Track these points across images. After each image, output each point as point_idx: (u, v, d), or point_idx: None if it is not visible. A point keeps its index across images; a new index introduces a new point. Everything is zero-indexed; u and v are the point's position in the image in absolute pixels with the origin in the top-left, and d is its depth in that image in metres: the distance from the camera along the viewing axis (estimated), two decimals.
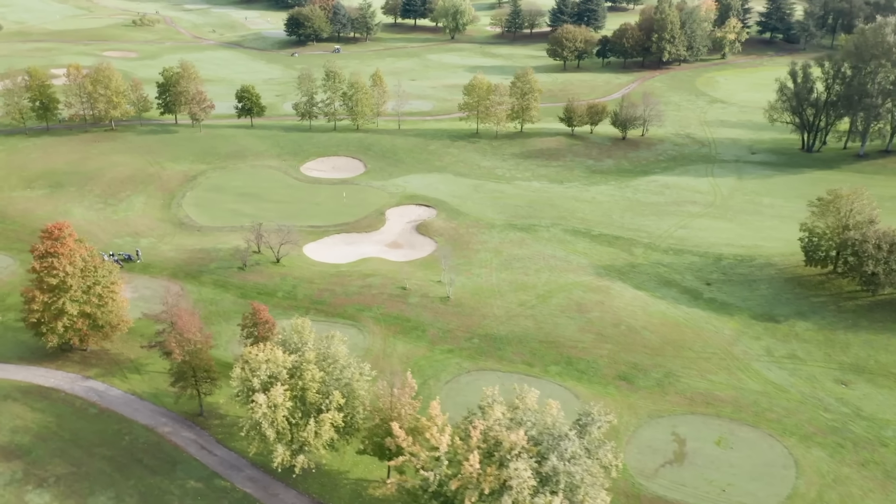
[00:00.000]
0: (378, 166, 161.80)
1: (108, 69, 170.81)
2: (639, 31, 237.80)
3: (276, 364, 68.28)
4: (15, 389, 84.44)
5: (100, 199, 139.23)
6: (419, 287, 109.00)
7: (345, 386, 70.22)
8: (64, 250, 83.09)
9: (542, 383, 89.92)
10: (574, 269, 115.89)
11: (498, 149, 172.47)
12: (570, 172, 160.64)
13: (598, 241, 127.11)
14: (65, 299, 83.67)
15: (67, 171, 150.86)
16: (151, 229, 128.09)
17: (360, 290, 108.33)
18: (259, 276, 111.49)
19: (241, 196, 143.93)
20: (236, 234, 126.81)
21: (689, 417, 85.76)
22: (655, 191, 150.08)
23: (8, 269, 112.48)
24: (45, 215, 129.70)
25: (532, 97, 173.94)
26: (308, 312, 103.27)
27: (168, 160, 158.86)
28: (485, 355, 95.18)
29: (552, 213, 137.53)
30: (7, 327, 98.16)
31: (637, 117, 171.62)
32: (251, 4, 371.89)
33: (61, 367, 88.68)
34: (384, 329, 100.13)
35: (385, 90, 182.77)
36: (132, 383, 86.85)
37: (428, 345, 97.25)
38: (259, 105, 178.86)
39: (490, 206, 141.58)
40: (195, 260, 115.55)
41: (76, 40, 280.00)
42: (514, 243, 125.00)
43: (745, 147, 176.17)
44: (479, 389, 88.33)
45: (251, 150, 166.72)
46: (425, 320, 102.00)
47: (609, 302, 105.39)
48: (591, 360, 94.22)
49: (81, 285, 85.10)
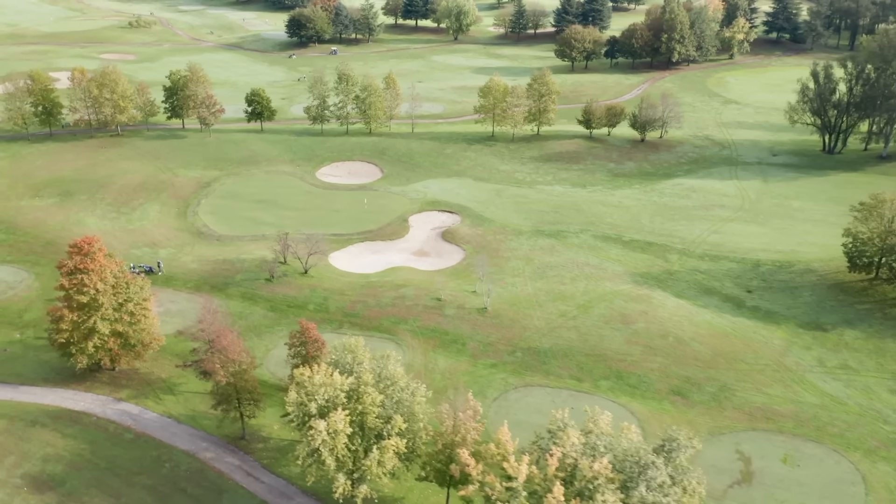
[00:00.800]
0: (395, 171, 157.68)
1: (113, 72, 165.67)
2: (648, 32, 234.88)
3: (333, 387, 64.09)
4: (43, 414, 79.75)
5: (112, 208, 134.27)
6: (454, 298, 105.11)
7: (405, 409, 66.17)
8: (94, 266, 78.50)
9: (594, 399, 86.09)
10: (610, 277, 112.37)
11: (516, 152, 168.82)
12: (591, 176, 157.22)
13: (630, 247, 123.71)
14: (96, 318, 79.11)
15: (76, 178, 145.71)
16: (169, 239, 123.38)
17: (394, 301, 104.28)
18: (288, 289, 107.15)
19: (258, 203, 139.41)
20: (258, 243, 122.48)
21: (751, 434, 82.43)
22: (682, 194, 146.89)
23: (23, 284, 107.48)
24: (57, 225, 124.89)
25: (549, 99, 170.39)
26: (342, 326, 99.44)
27: (179, 166, 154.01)
28: (530, 370, 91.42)
29: (580, 219, 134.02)
30: (27, 346, 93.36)
31: (656, 119, 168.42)
32: (247, 6, 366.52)
33: (90, 388, 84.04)
34: (422, 343, 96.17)
35: (398, 93, 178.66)
36: (167, 405, 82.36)
37: (470, 359, 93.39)
38: (270, 109, 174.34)
39: (514, 211, 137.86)
40: (219, 272, 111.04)
41: (71, 42, 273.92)
42: (545, 250, 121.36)
43: (765, 149, 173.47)
44: (528, 406, 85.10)
45: (264, 155, 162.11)
46: (464, 333, 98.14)
47: (653, 312, 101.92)
48: (641, 375, 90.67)
49: (112, 302, 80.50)
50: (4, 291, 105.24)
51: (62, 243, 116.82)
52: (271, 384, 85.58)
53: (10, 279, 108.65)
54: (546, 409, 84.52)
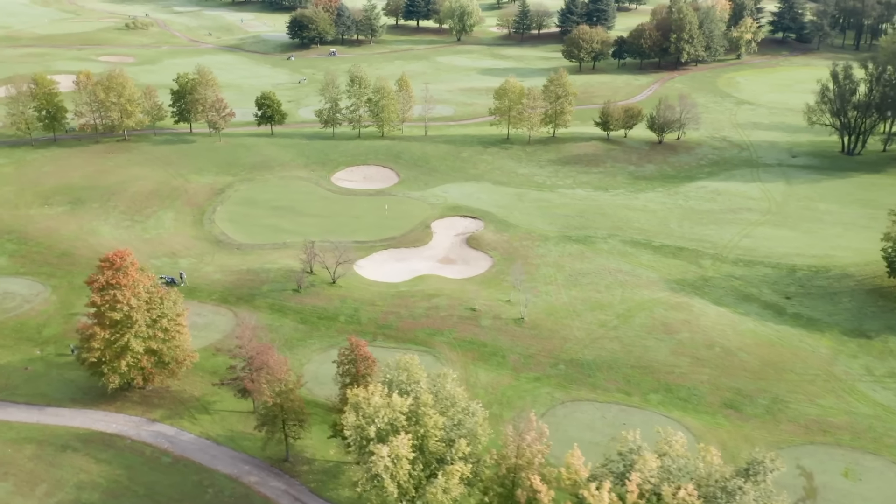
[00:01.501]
0: (411, 175, 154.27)
1: (120, 76, 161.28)
2: (656, 32, 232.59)
3: (392, 409, 60.65)
4: (74, 438, 75.80)
5: (126, 216, 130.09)
6: (488, 308, 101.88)
7: (466, 432, 62.82)
8: (127, 281, 74.68)
9: (646, 414, 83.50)
10: (646, 285, 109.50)
11: (533, 155, 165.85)
12: (612, 179, 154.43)
13: (661, 252, 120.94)
14: (129, 335, 75.25)
15: (85, 185, 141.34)
16: (188, 248, 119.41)
17: (427, 312, 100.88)
18: (317, 299, 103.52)
19: (275, 210, 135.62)
20: (280, 252, 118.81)
21: (809, 448, 79.71)
22: (707, 197, 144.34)
23: (40, 297, 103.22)
24: (70, 235, 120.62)
25: (566, 101, 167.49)
26: (376, 338, 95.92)
27: (191, 172, 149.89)
28: (575, 383, 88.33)
29: (606, 224, 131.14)
30: (49, 364, 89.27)
31: (675, 120, 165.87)
32: (243, 7, 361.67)
33: (121, 409, 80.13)
34: (461, 356, 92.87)
35: (411, 95, 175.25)
36: (203, 425, 78.62)
37: (511, 372, 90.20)
38: (280, 112, 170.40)
39: (538, 216, 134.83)
40: (244, 282, 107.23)
41: (68, 45, 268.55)
42: (575, 257, 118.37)
43: (783, 150, 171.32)
44: (578, 423, 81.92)
45: (276, 160, 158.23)
46: (503, 345, 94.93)
47: (695, 321, 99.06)
48: (691, 387, 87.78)
49: (146, 319, 76.69)
50: (20, 305, 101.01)
51: (78, 254, 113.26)
52: (307, 401, 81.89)
53: (25, 292, 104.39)
54: (597, 426, 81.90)
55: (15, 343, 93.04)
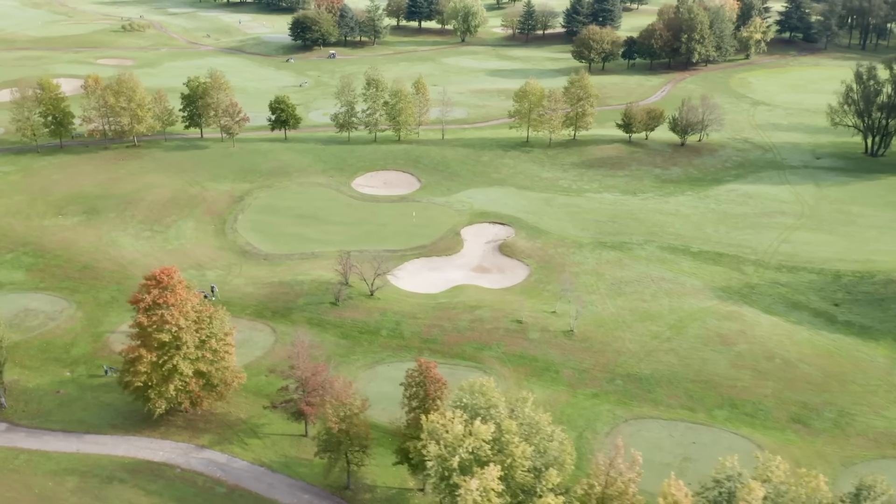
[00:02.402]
0: (433, 181, 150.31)
1: (130, 80, 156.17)
2: (667, 32, 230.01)
3: (476, 438, 56.81)
4: (119, 468, 71.30)
5: (145, 226, 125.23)
6: (534, 319, 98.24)
7: (553, 460, 59.11)
8: (174, 300, 70.29)
9: (713, 432, 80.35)
10: (692, 293, 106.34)
11: (554, 158, 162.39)
12: (639, 182, 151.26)
13: (701, 258, 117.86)
14: (178, 357, 70.88)
15: (99, 194, 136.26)
16: (214, 260, 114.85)
17: (471, 325, 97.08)
18: (356, 312, 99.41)
19: (298, 218, 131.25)
20: (310, 262, 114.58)
21: (883, 462, 76.84)
22: (738, 201, 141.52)
23: (64, 314, 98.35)
24: (89, 247, 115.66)
25: (588, 102, 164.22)
26: (421, 353, 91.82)
27: (207, 179, 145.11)
28: (636, 399, 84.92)
29: (640, 229, 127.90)
30: (82, 386, 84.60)
31: (698, 122, 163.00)
32: (239, 8, 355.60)
33: (166, 434, 75.71)
34: (512, 371, 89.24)
35: (427, 98, 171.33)
36: (255, 451, 74.38)
37: (568, 389, 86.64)
38: (295, 117, 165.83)
39: (569, 221, 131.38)
40: (278, 295, 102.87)
41: (64, 47, 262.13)
42: (613, 264, 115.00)
43: (806, 151, 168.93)
44: (646, 442, 78.11)
45: (293, 165, 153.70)
46: (554, 359, 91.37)
47: (750, 331, 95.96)
48: (756, 402, 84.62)
49: (194, 339, 72.37)
50: (45, 323, 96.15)
51: (100, 267, 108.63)
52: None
53: (48, 309, 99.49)
54: (665, 445, 78.43)
55: (42, 364, 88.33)
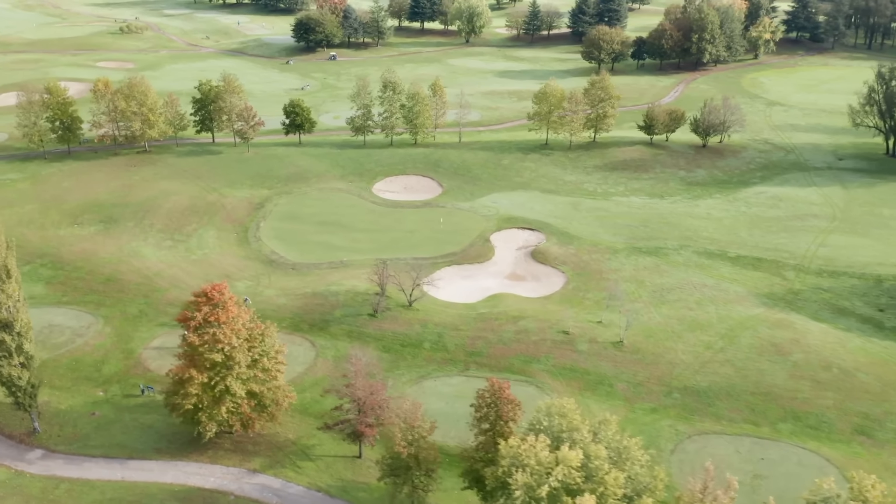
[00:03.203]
0: (455, 185, 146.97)
1: (141, 83, 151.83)
2: (677, 32, 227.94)
3: (566, 466, 53.54)
4: (169, 496, 67.42)
5: (165, 235, 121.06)
6: (581, 330, 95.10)
7: (644, 487, 55.96)
8: (226, 318, 66.55)
9: (780, 446, 77.58)
10: (737, 300, 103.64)
11: (576, 161, 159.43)
12: (665, 185, 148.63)
13: (739, 264, 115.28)
14: (230, 378, 67.15)
15: (114, 202, 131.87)
16: (241, 270, 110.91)
17: (516, 336, 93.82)
18: (396, 324, 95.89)
19: (322, 225, 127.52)
20: (340, 272, 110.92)
21: None
22: (769, 204, 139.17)
23: (91, 330, 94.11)
24: (111, 258, 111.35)
25: (609, 104, 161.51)
26: (468, 367, 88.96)
27: (224, 185, 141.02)
28: (697, 414, 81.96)
29: (674, 233, 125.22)
30: (118, 407, 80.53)
31: (720, 123, 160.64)
32: (236, 9, 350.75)
33: (215, 458, 71.85)
34: (565, 385, 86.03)
35: (444, 100, 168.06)
36: (309, 474, 70.73)
37: (625, 403, 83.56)
38: (310, 120, 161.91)
39: (599, 226, 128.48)
40: (313, 307, 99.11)
41: (62, 50, 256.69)
42: (651, 270, 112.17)
43: (828, 152, 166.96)
44: (713, 459, 74.12)
45: (311, 171, 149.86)
46: (606, 372, 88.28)
47: (803, 339, 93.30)
48: (819, 414, 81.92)
49: (246, 358, 68.67)
50: (72, 340, 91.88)
51: (124, 279, 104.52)
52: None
53: (73, 324, 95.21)
54: (734, 462, 75.28)
55: (73, 384, 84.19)
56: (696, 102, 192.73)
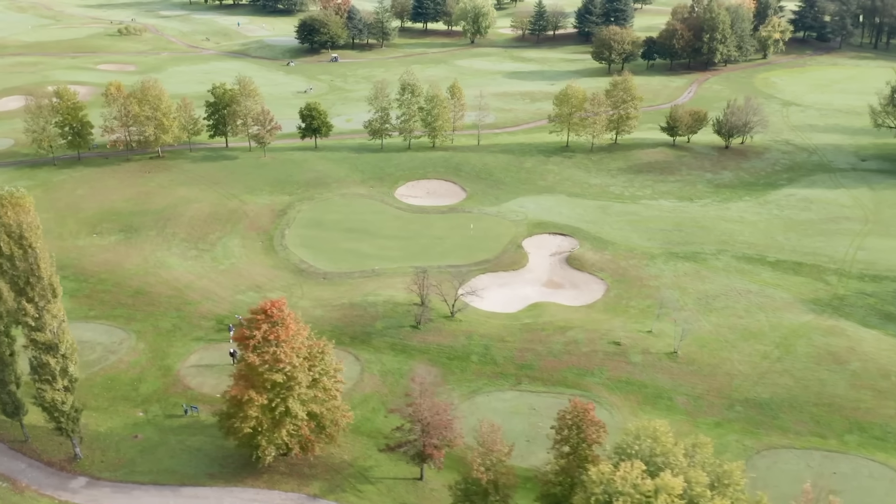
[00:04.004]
0: (478, 189, 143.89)
1: (155, 87, 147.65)
2: (688, 32, 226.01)
3: (669, 495, 50.59)
4: None
5: (189, 244, 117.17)
6: (631, 340, 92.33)
7: None
8: (286, 335, 63.14)
9: (850, 459, 75.12)
10: (784, 307, 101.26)
11: (599, 163, 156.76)
12: (693, 188, 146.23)
13: (780, 269, 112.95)
14: (291, 399, 63.73)
15: (133, 210, 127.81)
16: (271, 280, 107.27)
17: (566, 348, 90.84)
18: (440, 336, 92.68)
19: (349, 233, 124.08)
20: (374, 281, 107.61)
21: None
22: (800, 206, 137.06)
23: (124, 346, 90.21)
24: (137, 269, 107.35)
25: (632, 105, 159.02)
26: (520, 382, 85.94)
27: (243, 192, 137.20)
28: (762, 427, 79.33)
29: (709, 238, 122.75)
30: (161, 428, 76.80)
31: (744, 124, 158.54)
32: (233, 10, 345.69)
33: (272, 483, 68.27)
34: (622, 399, 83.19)
35: (463, 103, 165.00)
36: (371, 499, 67.44)
37: (686, 418, 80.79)
38: (327, 124, 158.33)
39: (632, 231, 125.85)
40: (352, 319, 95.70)
41: (59, 52, 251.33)
42: (692, 277, 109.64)
43: (850, 153, 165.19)
44: (786, 475, 71.65)
45: (330, 176, 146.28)
46: (663, 384, 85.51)
47: (858, 347, 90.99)
48: (883, 424, 79.53)
49: (307, 378, 65.29)
50: (104, 357, 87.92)
51: (154, 292, 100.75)
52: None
53: (104, 340, 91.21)
54: (807, 478, 72.17)
55: (110, 404, 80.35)
56: (711, 103, 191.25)
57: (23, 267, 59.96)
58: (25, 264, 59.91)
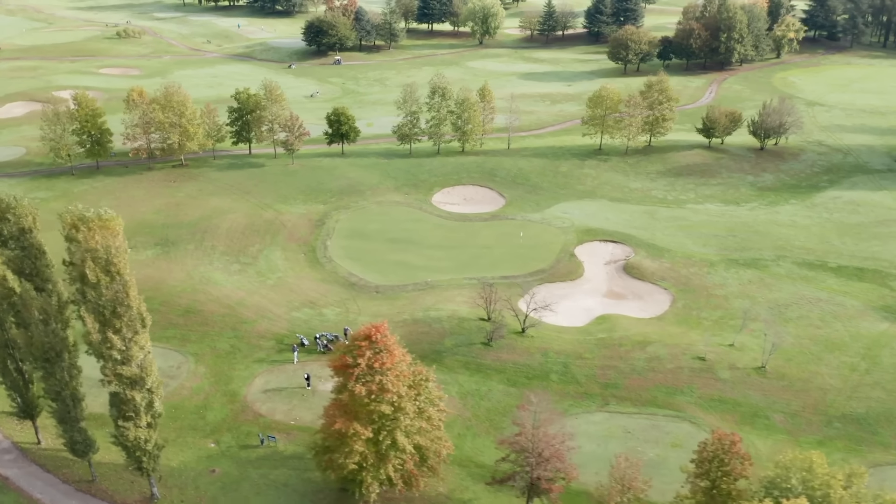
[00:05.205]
0: (517, 195, 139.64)
1: (178, 93, 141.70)
2: (705, 32, 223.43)
3: None
4: None
5: (231, 258, 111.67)
6: (715, 355, 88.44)
7: None
8: (391, 362, 58.42)
9: None
10: (858, 315, 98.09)
11: (636, 166, 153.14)
12: (736, 191, 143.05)
13: (843, 275, 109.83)
14: (398, 431, 58.99)
15: (166, 222, 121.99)
16: (324, 296, 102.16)
17: (649, 364, 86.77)
18: (514, 354, 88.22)
19: (392, 243, 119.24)
20: (429, 294, 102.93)
21: None
22: (848, 209, 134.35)
23: (183, 370, 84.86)
24: (182, 286, 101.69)
25: (668, 107, 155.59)
26: (607, 402, 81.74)
27: (276, 201, 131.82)
28: (863, 444, 75.92)
29: (765, 243, 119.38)
30: (237, 461, 71.57)
31: (780, 125, 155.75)
32: (229, 12, 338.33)
33: None
34: (718, 419, 79.24)
35: (493, 106, 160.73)
36: None
37: (788, 437, 77.04)
38: (355, 129, 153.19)
39: (685, 237, 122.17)
40: (418, 336, 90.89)
41: (58, 57, 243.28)
42: (758, 285, 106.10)
43: (883, 154, 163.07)
44: None
45: (363, 183, 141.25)
46: (757, 402, 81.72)
47: None
48: None
49: (414, 408, 60.61)
50: (165, 383, 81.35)
51: (205, 311, 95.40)
52: (578, 490, 67.03)
53: (161, 364, 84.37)
54: None
55: (178, 435, 75.02)
56: (734, 103, 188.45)
57: (109, 295, 54.65)
58: (112, 293, 54.61)
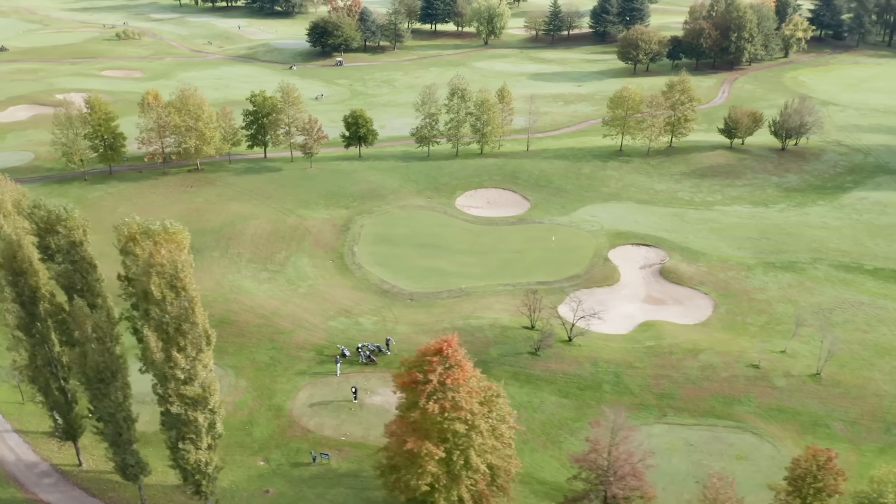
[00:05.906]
0: (541, 198, 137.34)
1: (195, 96, 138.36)
2: (715, 31, 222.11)
3: None
4: None
5: (258, 266, 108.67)
6: (768, 362, 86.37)
7: None
8: (463, 378, 55.91)
9: None
10: None
11: (659, 168, 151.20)
12: (763, 192, 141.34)
13: (880, 277, 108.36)
14: (471, 450, 56.42)
15: (188, 229, 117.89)
16: (358, 304, 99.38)
17: (703, 373, 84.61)
18: (563, 364, 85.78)
19: (420, 248, 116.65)
20: (466, 302, 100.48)
21: None
22: (876, 210, 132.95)
23: (224, 383, 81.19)
24: (213, 295, 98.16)
25: (690, 107, 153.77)
26: (664, 413, 79.49)
27: (299, 206, 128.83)
28: None
29: (799, 245, 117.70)
30: (290, 479, 68.75)
31: (801, 125, 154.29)
32: (227, 12, 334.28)
33: None
34: (780, 429, 77.24)
35: (511, 107, 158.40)
36: None
37: (851, 446, 75.05)
38: (373, 132, 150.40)
39: (718, 240, 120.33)
40: (462, 345, 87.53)
41: (58, 59, 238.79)
42: (798, 288, 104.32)
43: None
44: None
45: (384, 187, 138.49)
46: (816, 410, 79.76)
47: None
48: None
49: (487, 425, 58.05)
50: None
51: (240, 321, 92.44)
52: None
53: None
54: None
55: (225, 452, 71.76)
56: (748, 102, 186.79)
57: (174, 312, 51.76)
58: (178, 309, 51.72)
